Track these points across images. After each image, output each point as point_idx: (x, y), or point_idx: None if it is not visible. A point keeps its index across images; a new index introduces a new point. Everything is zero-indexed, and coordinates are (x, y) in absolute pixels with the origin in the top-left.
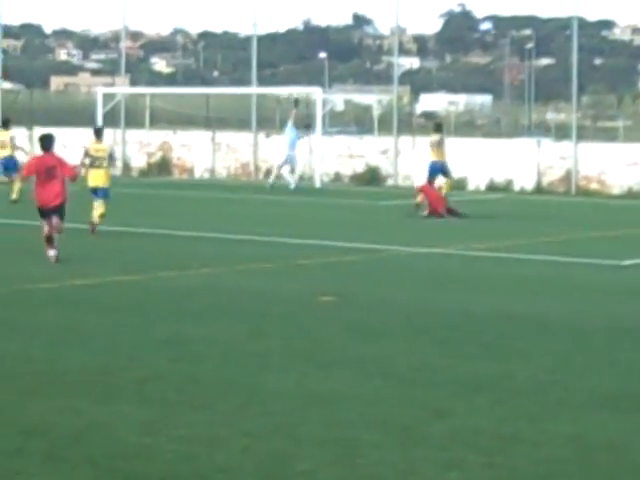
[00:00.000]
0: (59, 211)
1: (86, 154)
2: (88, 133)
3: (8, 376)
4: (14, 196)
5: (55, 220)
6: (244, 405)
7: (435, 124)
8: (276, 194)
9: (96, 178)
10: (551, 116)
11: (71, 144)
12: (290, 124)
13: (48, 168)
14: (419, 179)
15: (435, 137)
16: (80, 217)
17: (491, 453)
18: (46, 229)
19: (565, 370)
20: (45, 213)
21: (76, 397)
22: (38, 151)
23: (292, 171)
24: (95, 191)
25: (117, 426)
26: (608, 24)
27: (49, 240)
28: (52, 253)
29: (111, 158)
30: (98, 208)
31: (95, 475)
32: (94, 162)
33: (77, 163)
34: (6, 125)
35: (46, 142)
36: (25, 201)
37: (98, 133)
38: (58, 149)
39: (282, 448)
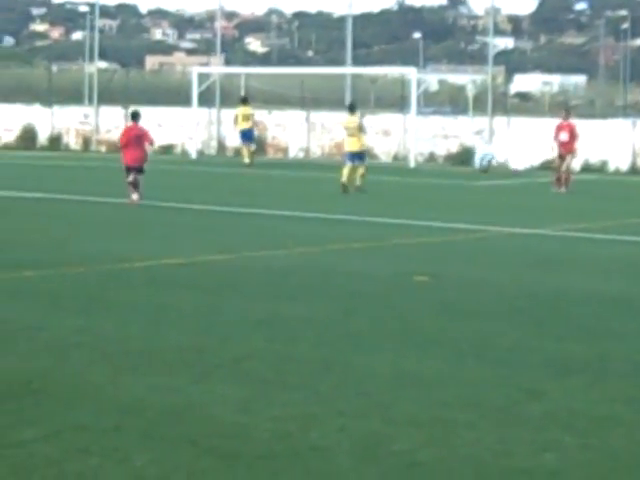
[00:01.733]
0: (141, 170)
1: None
2: (183, 112)
3: (105, 354)
4: (247, 160)
5: (136, 177)
6: (339, 385)
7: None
8: (371, 174)
9: None
10: None
11: (166, 123)
12: None
13: (136, 136)
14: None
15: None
16: (177, 196)
17: (587, 435)
18: (131, 177)
19: None
20: (130, 170)
21: (172, 376)
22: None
23: None
24: None
25: (213, 405)
26: None
27: (134, 185)
28: (135, 197)
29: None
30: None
31: (193, 453)
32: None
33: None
34: (245, 102)
35: (134, 116)
36: (113, 181)
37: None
38: (152, 127)
39: (377, 428)
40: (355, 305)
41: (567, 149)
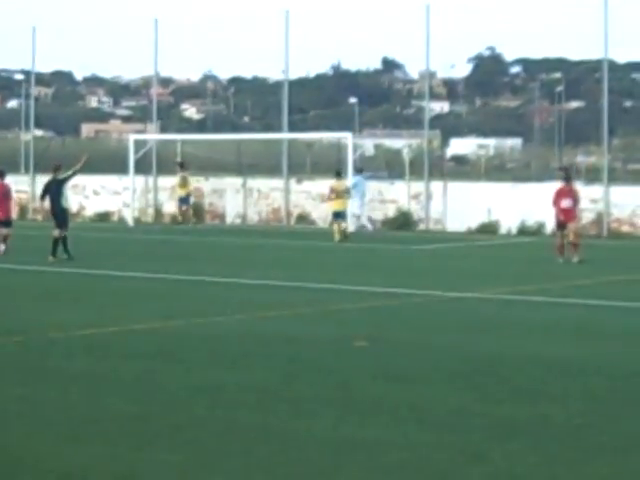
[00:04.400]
0: (9, 224)
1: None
2: (119, 179)
3: (46, 422)
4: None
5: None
6: (280, 451)
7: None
8: (308, 239)
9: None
10: (581, 159)
11: (103, 190)
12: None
13: (3, 193)
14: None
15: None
16: (114, 264)
17: None
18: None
19: (600, 414)
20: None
21: (113, 444)
22: (68, 196)
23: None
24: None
25: (155, 473)
26: (638, 66)
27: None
28: (2, 248)
29: None
30: None
31: None
32: None
33: None
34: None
35: (1, 174)
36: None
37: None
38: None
39: None
40: (294, 371)
41: (569, 217)
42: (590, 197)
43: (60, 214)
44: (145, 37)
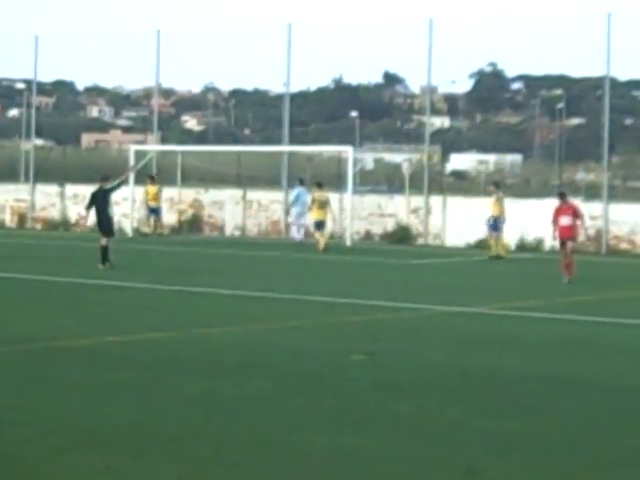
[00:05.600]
0: None
1: None
2: (119, 190)
3: (41, 432)
4: (147, 230)
5: None
6: (276, 463)
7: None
8: (307, 252)
9: None
10: (581, 176)
11: None
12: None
13: None
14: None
15: None
16: (113, 274)
17: None
18: None
19: (597, 429)
20: None
21: (110, 454)
22: (68, 206)
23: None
24: None
25: None
26: (639, 84)
27: None
28: None
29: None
30: None
31: None
32: None
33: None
34: (154, 180)
35: None
36: (52, 258)
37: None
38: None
39: None
40: (291, 383)
41: (568, 235)
42: (590, 214)
43: (106, 223)
44: (147, 48)
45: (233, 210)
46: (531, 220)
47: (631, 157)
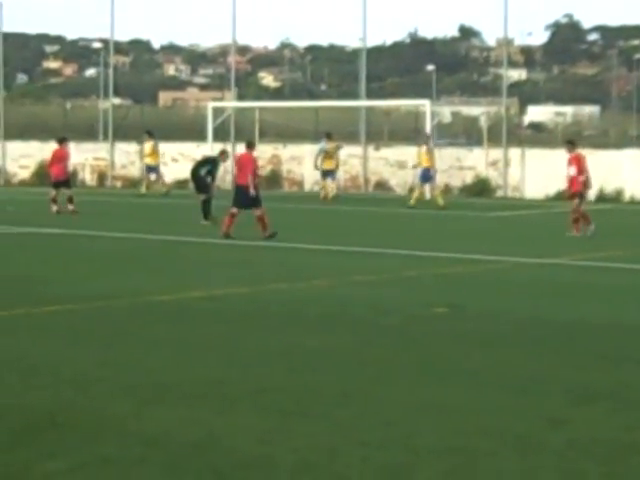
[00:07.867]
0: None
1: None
2: (198, 147)
3: (127, 387)
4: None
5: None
6: (360, 415)
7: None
8: (386, 206)
9: None
10: None
11: (181, 158)
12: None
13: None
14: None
15: None
16: (194, 230)
17: (610, 462)
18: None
19: None
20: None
21: (195, 408)
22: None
23: None
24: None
25: (236, 437)
26: None
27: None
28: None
29: None
30: None
31: None
32: None
33: None
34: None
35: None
36: (142, 218)
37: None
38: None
39: (400, 458)
40: (374, 336)
41: (571, 186)
42: None
43: (196, 182)
44: (223, 5)
45: (311, 165)
46: (610, 171)
47: None
